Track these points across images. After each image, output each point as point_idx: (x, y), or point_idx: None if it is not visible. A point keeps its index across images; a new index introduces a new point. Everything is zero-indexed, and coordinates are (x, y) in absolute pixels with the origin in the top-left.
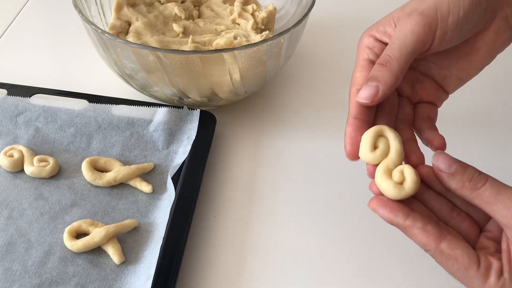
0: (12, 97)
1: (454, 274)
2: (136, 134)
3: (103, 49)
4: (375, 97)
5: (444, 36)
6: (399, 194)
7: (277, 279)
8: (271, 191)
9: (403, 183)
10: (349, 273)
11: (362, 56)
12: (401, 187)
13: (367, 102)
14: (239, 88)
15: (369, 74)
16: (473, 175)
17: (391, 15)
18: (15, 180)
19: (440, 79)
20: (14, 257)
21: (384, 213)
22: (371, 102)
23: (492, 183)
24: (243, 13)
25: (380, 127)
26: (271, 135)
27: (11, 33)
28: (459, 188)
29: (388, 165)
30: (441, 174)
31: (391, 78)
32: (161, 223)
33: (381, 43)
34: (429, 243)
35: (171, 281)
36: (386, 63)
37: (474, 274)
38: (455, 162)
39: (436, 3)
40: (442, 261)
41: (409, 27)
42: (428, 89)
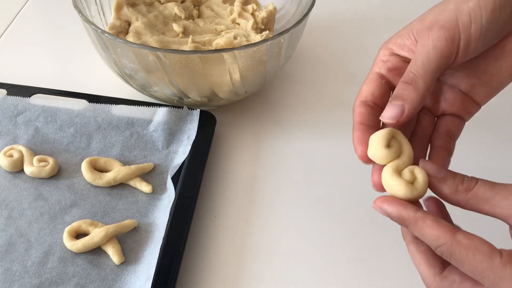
0: (12, 97)
1: (478, 267)
2: (136, 134)
3: (103, 49)
4: (400, 117)
5: (468, 47)
6: (411, 193)
7: (277, 279)
8: (271, 191)
9: (414, 183)
10: (349, 273)
11: (374, 70)
12: (412, 186)
13: (392, 122)
14: (239, 88)
15: (394, 93)
16: (463, 177)
17: (409, 27)
18: (14, 180)
19: (468, 88)
20: (13, 257)
21: (392, 208)
22: (397, 123)
23: (483, 181)
24: (243, 13)
25: (393, 129)
26: (271, 135)
27: (11, 33)
28: (453, 192)
29: (398, 165)
30: (432, 181)
31: (417, 97)
32: (161, 223)
33: (397, 56)
34: (444, 234)
35: (171, 281)
36: (411, 82)
37: (499, 262)
38: (443, 168)
39: (457, 12)
40: (460, 253)
41: (431, 42)
42: (453, 101)
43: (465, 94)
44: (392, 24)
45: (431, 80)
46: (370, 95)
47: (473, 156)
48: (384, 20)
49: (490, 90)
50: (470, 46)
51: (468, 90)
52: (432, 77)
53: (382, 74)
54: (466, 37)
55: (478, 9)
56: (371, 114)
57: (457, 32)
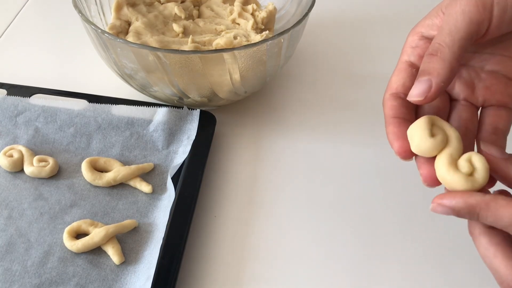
0: (12, 97)
1: None
2: (136, 134)
3: (102, 49)
4: (428, 92)
5: (504, 15)
6: (472, 186)
7: (277, 279)
8: (271, 191)
9: (473, 173)
10: (350, 273)
11: (403, 58)
12: (473, 178)
13: (420, 100)
14: (239, 88)
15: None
16: None
17: (439, 6)
18: (14, 180)
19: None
20: (13, 257)
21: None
22: (425, 99)
23: None
24: (243, 13)
25: (431, 116)
26: (271, 135)
27: (11, 33)
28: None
29: (452, 154)
30: (496, 161)
31: (444, 68)
32: (161, 223)
33: (428, 40)
34: None
35: (171, 281)
36: (436, 52)
37: None
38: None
39: None
40: None
41: (459, 8)
42: (495, 87)
43: (508, 79)
44: (393, 24)
45: (459, 48)
46: (401, 86)
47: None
48: (385, 20)
49: None
50: (506, 14)
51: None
52: (461, 45)
53: (412, 62)
54: (501, 2)
55: None
56: (403, 106)
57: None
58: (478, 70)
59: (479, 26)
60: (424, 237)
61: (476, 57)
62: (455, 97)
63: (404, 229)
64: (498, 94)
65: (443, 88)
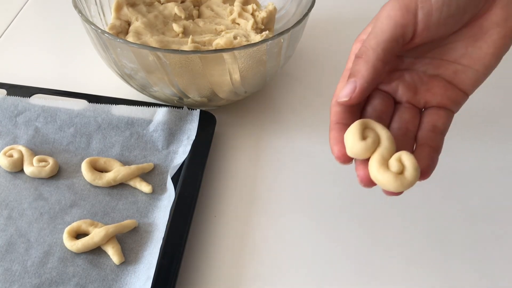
0: (12, 97)
1: None
2: (135, 134)
3: (102, 49)
4: (352, 93)
5: (429, 18)
6: (402, 185)
7: (277, 279)
8: (271, 191)
9: (404, 172)
10: (350, 273)
11: (348, 65)
12: (402, 177)
13: (345, 100)
14: (239, 88)
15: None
16: None
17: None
18: (14, 180)
19: (451, 76)
20: (13, 257)
21: None
22: (350, 100)
23: None
24: (243, 13)
25: (364, 119)
26: (271, 135)
27: (11, 33)
28: None
29: (383, 155)
30: None
31: (367, 69)
32: (161, 223)
33: None
34: None
35: (171, 281)
36: (361, 55)
37: None
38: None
39: None
40: None
41: (385, 13)
42: (435, 89)
43: (448, 82)
44: None
45: (383, 50)
46: None
47: (473, 156)
48: None
49: (475, 76)
50: (431, 17)
51: (451, 77)
52: (385, 47)
53: None
54: (425, 6)
55: None
56: (347, 112)
57: (414, 1)
58: (421, 74)
59: (404, 29)
60: (425, 237)
61: (419, 62)
62: (399, 100)
63: (404, 229)
64: (438, 96)
65: (367, 88)
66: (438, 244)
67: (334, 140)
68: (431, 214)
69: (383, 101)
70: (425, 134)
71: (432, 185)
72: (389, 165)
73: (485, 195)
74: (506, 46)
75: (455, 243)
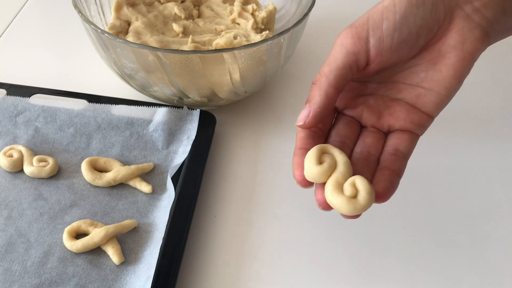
0: (12, 97)
1: None
2: (135, 134)
3: (102, 49)
4: (306, 118)
5: (381, 44)
6: (354, 209)
7: (277, 279)
8: (271, 191)
9: (357, 196)
10: (350, 273)
11: None
12: (355, 201)
13: (301, 125)
14: (239, 88)
15: None
16: None
17: None
18: (14, 180)
19: (414, 99)
20: (13, 258)
21: None
22: (304, 124)
23: None
24: (243, 12)
25: (322, 145)
26: (271, 135)
27: (11, 33)
28: None
29: (337, 179)
30: None
31: (320, 95)
32: (160, 223)
33: None
34: None
35: (171, 281)
36: (316, 81)
37: None
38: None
39: (370, 13)
40: None
41: (338, 41)
42: (398, 113)
43: (411, 105)
44: None
45: (335, 77)
46: None
47: (473, 155)
48: None
49: (437, 98)
50: (383, 43)
51: (414, 101)
52: (337, 74)
53: None
54: (376, 34)
55: (392, 6)
56: (310, 137)
57: (365, 29)
58: (385, 98)
59: (356, 56)
60: (425, 237)
61: (382, 86)
62: (364, 124)
63: (404, 229)
64: (401, 120)
65: (320, 113)
66: (438, 244)
67: (296, 165)
68: (431, 214)
69: (347, 126)
70: (387, 158)
71: (432, 185)
72: (344, 189)
73: (485, 195)
74: (465, 68)
75: (455, 243)
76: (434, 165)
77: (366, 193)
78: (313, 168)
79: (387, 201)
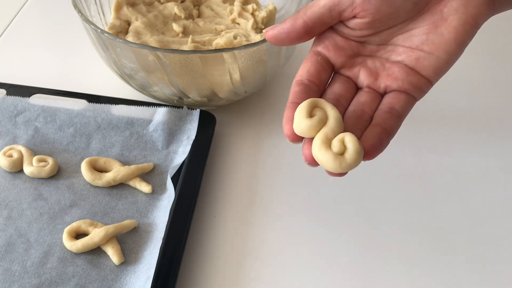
0: (11, 97)
1: None
2: (135, 134)
3: (102, 49)
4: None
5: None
6: (340, 166)
7: (277, 279)
8: (271, 191)
9: (344, 153)
10: (350, 274)
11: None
12: (342, 158)
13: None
14: (239, 88)
15: None
16: None
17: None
18: (14, 180)
19: (413, 62)
20: (13, 258)
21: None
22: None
23: None
24: (243, 12)
25: (315, 99)
26: (271, 135)
27: (11, 33)
28: None
29: (327, 134)
30: None
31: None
32: (160, 223)
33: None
34: None
35: (171, 281)
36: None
37: None
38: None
39: None
40: None
41: None
42: (397, 75)
43: (410, 68)
44: None
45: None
46: (305, 73)
47: (473, 156)
48: None
49: (437, 62)
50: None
51: (413, 64)
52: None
53: (318, 51)
54: None
55: None
56: (304, 92)
57: None
58: (383, 60)
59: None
60: (425, 237)
61: (382, 48)
62: (360, 85)
63: (404, 229)
64: (399, 81)
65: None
66: (439, 244)
67: (286, 119)
68: (431, 214)
69: (343, 85)
70: (380, 115)
71: (433, 185)
72: (332, 145)
73: (485, 195)
74: (468, 33)
75: (456, 243)
76: (434, 165)
77: (354, 152)
78: (303, 121)
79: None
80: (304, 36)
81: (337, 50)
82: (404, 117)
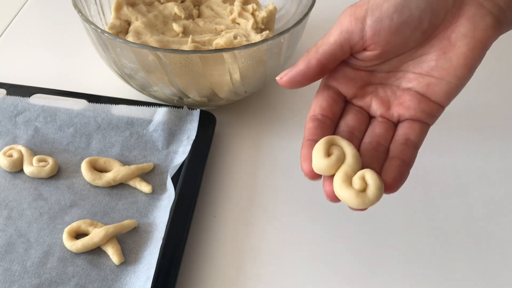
0: (12, 97)
1: None
2: (135, 134)
3: (102, 49)
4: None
5: (379, 24)
6: (363, 203)
7: (276, 279)
8: (271, 191)
9: (366, 190)
10: (350, 274)
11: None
12: (364, 195)
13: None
14: (239, 88)
15: None
16: None
17: None
18: (14, 180)
19: (424, 88)
20: (13, 258)
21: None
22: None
23: None
24: (243, 12)
25: (330, 136)
26: (271, 135)
27: (11, 33)
28: None
29: (346, 172)
30: None
31: (302, 62)
32: (160, 223)
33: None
34: None
35: (171, 281)
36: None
37: None
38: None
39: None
40: None
41: (339, 18)
42: (408, 103)
43: (421, 95)
44: None
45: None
46: (318, 107)
47: (473, 156)
48: None
49: (448, 88)
50: (382, 23)
51: (424, 90)
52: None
53: (329, 84)
54: (375, 14)
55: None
56: (318, 128)
57: (364, 9)
58: (394, 88)
59: (350, 34)
60: (425, 237)
61: (392, 76)
62: (373, 114)
63: (404, 229)
64: (411, 109)
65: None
66: (439, 244)
67: (304, 157)
68: (431, 214)
69: (356, 116)
70: (397, 147)
71: (433, 185)
72: (352, 182)
73: (485, 195)
74: (476, 57)
75: (456, 243)
76: (435, 165)
77: (375, 188)
78: (321, 160)
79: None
80: (320, 74)
81: (347, 82)
82: (419, 146)
